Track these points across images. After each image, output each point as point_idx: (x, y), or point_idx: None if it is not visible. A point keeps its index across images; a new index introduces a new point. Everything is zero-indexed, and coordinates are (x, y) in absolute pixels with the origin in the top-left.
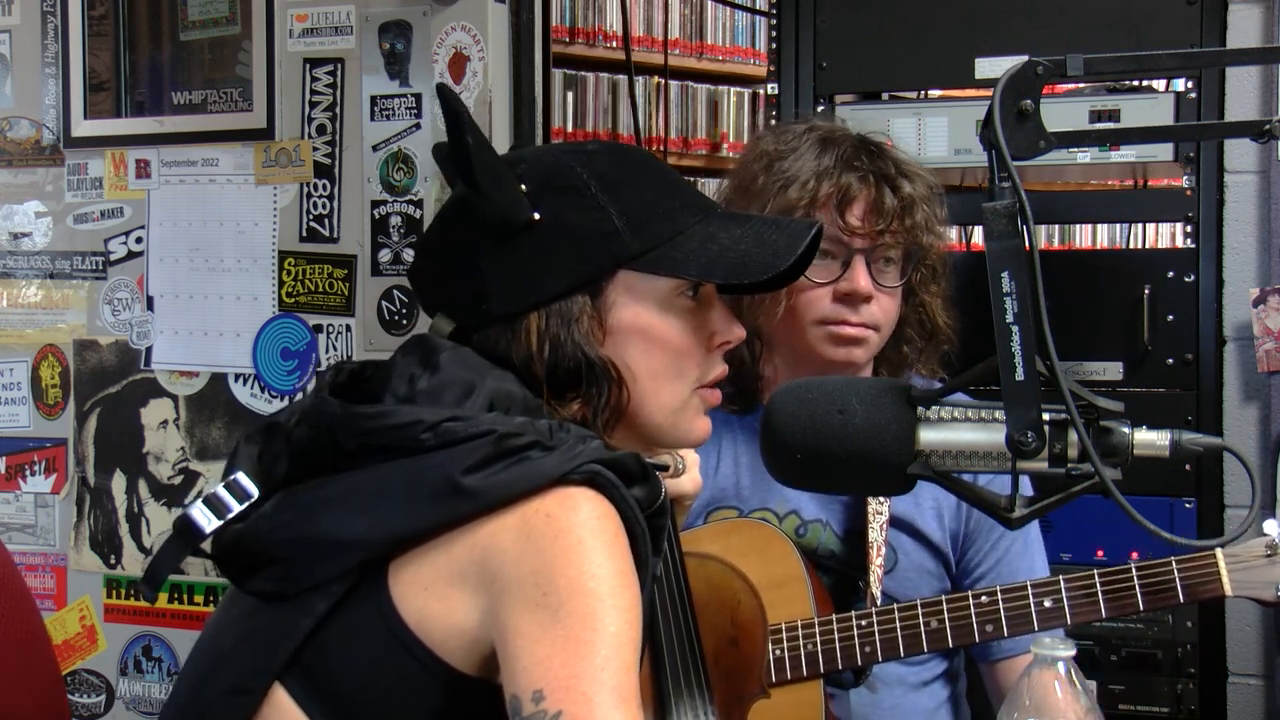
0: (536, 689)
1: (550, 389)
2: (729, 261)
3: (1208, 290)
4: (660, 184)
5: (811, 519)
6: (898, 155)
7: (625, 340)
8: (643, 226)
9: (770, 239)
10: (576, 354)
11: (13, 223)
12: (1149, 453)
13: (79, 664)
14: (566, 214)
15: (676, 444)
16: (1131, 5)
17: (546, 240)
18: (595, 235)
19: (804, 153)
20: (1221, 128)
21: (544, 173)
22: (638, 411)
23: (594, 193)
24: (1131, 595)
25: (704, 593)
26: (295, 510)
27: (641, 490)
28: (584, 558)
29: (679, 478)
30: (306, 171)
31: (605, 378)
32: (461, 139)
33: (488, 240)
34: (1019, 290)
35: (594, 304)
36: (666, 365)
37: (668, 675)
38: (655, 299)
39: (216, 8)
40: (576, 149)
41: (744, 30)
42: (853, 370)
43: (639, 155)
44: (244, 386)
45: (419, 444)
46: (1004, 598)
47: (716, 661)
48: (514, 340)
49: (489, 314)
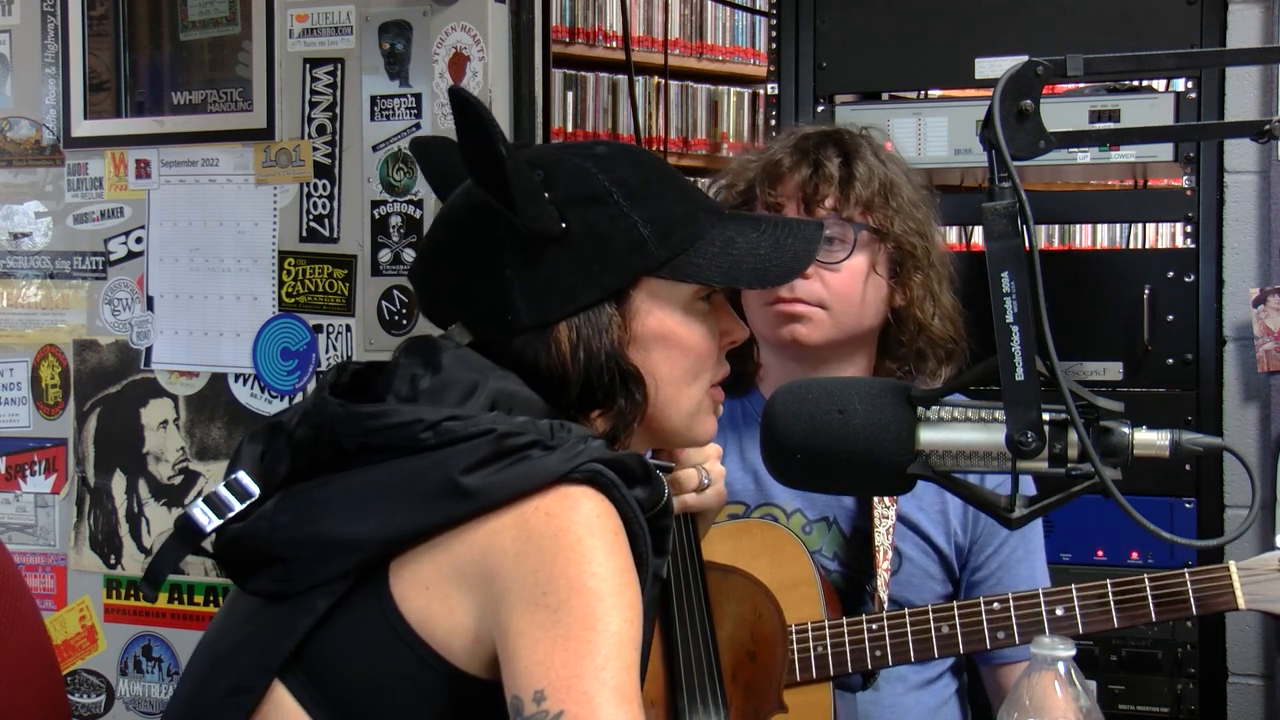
0: (537, 689)
1: (581, 399)
2: (750, 267)
3: (1208, 290)
4: (675, 188)
5: (816, 518)
6: (855, 142)
7: (649, 346)
8: (667, 234)
9: (786, 242)
10: (611, 363)
11: (13, 223)
12: (1149, 453)
13: (79, 664)
14: (595, 224)
15: (688, 444)
16: (1131, 5)
17: (576, 251)
18: (624, 245)
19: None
20: (1221, 128)
21: (567, 182)
22: (658, 416)
23: (617, 201)
24: (1144, 606)
25: (725, 606)
26: (296, 509)
27: (643, 491)
28: (584, 556)
29: (704, 493)
30: (306, 171)
31: (636, 387)
32: (494, 151)
33: (514, 252)
34: (1019, 290)
35: (621, 312)
36: (687, 369)
37: (683, 687)
38: (678, 304)
39: (216, 8)
40: (587, 152)
41: (744, 30)
42: (812, 352)
43: (649, 157)
44: (244, 386)
45: (419, 443)
46: (1016, 605)
47: (735, 675)
48: (544, 351)
49: (516, 325)
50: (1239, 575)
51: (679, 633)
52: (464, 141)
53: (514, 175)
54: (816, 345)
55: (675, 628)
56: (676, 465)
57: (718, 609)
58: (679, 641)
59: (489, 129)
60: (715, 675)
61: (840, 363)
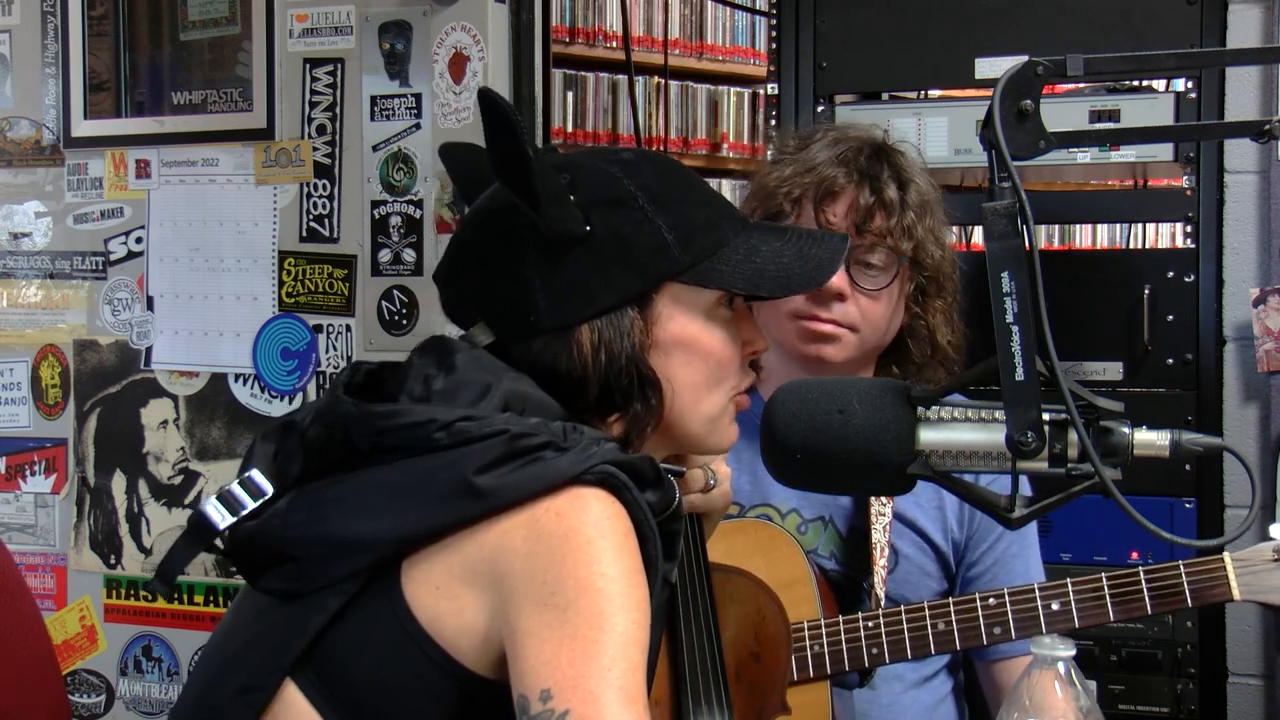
0: (544, 688)
1: (599, 403)
2: (773, 275)
3: (1208, 290)
4: (699, 196)
5: (812, 517)
6: (905, 162)
7: (670, 352)
8: (691, 240)
9: (810, 252)
10: (631, 367)
11: (13, 223)
12: (1149, 453)
13: (79, 664)
14: (619, 228)
15: (708, 452)
16: (1131, 5)
17: (599, 254)
18: (647, 249)
19: (814, 147)
20: (1221, 128)
21: (592, 185)
22: (677, 422)
23: (642, 205)
24: (1139, 599)
25: (728, 606)
26: (308, 508)
27: (655, 494)
28: (593, 557)
29: (710, 493)
30: (306, 171)
31: (654, 391)
32: (520, 151)
33: (537, 253)
34: (1019, 290)
35: (643, 316)
36: (707, 376)
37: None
38: (700, 311)
39: (216, 8)
40: (613, 157)
41: (744, 30)
42: (829, 368)
43: (675, 166)
44: (244, 386)
45: (432, 443)
46: (1012, 600)
47: (739, 676)
48: (565, 353)
49: (536, 326)
50: (1234, 566)
51: (684, 633)
52: (491, 142)
53: (539, 176)
54: (839, 364)
55: (680, 628)
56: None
57: (721, 610)
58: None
59: (515, 130)
60: (719, 676)
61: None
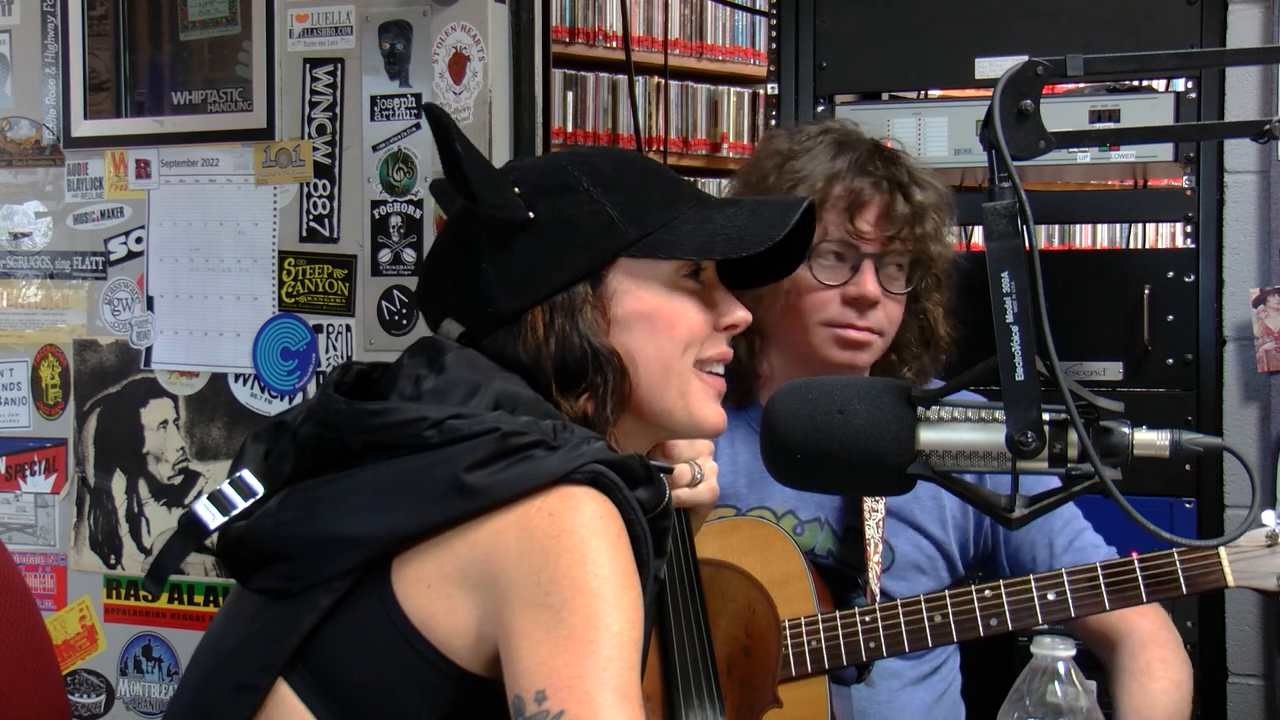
0: (539, 689)
1: (558, 383)
2: (725, 238)
3: (1208, 290)
4: (655, 178)
5: (809, 519)
6: (912, 163)
7: (630, 326)
8: (639, 215)
9: (764, 215)
10: (583, 344)
11: (13, 223)
12: (1149, 453)
13: (79, 664)
14: (563, 210)
15: (692, 432)
16: (1131, 5)
17: (545, 237)
18: (592, 227)
19: (818, 154)
20: (1221, 128)
21: (538, 175)
22: (648, 399)
23: (587, 188)
24: (1134, 587)
25: (719, 602)
26: (299, 507)
27: (645, 492)
28: (586, 557)
29: (696, 488)
30: (306, 171)
31: (610, 366)
32: (451, 148)
33: (488, 244)
34: (1019, 290)
35: (596, 294)
36: (672, 346)
37: (678, 683)
38: (660, 283)
39: (216, 8)
40: (570, 152)
41: (744, 30)
42: (853, 373)
43: (633, 155)
44: (244, 386)
45: (423, 441)
46: (1008, 591)
47: (730, 670)
48: (520, 337)
49: (495, 315)
50: (1227, 552)
51: (674, 628)
52: (439, 149)
53: (470, 166)
54: (863, 369)
55: (670, 623)
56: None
57: (711, 604)
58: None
59: (446, 128)
60: (710, 670)
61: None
